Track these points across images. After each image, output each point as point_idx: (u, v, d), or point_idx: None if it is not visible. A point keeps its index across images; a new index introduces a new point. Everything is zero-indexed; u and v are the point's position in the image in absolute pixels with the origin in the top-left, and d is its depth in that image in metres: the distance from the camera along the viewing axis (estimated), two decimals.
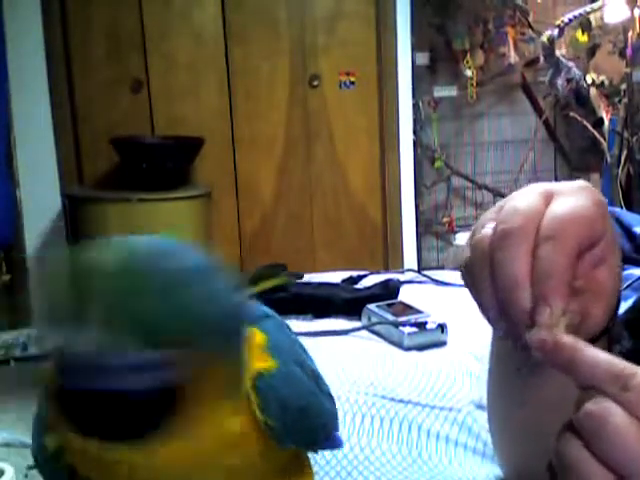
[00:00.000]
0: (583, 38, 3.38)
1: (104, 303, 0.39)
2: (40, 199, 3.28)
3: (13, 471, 2.01)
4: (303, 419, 0.51)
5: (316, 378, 0.55)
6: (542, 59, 3.39)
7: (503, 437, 0.68)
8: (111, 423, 0.42)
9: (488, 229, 0.44)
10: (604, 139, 3.47)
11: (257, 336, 0.50)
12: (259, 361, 0.49)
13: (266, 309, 0.56)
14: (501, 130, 3.73)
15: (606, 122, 3.47)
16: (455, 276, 1.65)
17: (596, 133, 3.48)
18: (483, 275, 0.43)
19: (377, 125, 3.55)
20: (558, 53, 3.30)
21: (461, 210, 3.79)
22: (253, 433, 0.48)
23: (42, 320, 0.39)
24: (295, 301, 1.37)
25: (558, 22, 3.27)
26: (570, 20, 3.24)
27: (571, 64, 3.33)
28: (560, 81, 3.30)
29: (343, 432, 0.89)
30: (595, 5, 3.26)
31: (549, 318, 0.40)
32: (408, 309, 1.30)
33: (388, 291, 1.42)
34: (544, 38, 3.29)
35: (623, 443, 0.34)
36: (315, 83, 3.45)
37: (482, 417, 0.91)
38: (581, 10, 3.27)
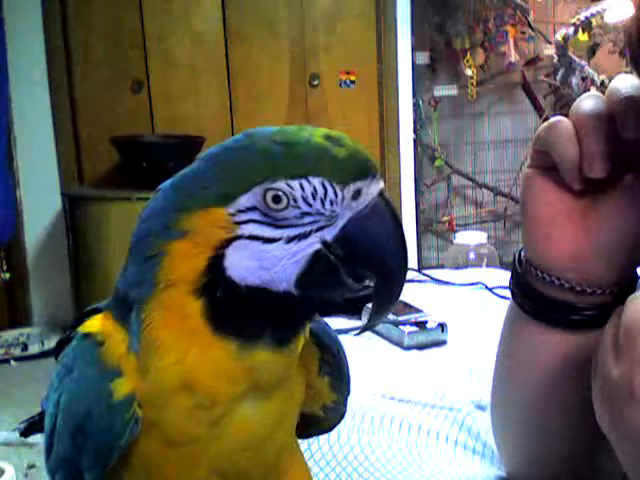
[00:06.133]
0: (584, 37, 3.37)
1: None
2: (40, 199, 3.28)
3: (13, 471, 2.02)
4: (344, 360, 0.55)
5: None
6: (556, 58, 3.37)
7: (507, 423, 0.69)
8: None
9: None
10: None
11: None
12: None
13: None
14: (501, 129, 3.73)
15: None
16: (455, 275, 1.65)
17: None
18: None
19: (377, 124, 3.55)
20: (570, 52, 3.29)
21: (461, 209, 3.78)
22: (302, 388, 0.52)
23: None
24: None
25: (574, 20, 3.25)
26: (587, 18, 3.22)
27: (584, 63, 3.31)
28: (575, 80, 3.29)
29: (343, 432, 0.89)
30: (608, 3, 3.25)
31: None
32: (408, 308, 1.30)
33: None
34: (559, 37, 3.28)
35: None
36: (315, 82, 3.44)
37: (482, 417, 0.90)
38: (598, 8, 3.25)
